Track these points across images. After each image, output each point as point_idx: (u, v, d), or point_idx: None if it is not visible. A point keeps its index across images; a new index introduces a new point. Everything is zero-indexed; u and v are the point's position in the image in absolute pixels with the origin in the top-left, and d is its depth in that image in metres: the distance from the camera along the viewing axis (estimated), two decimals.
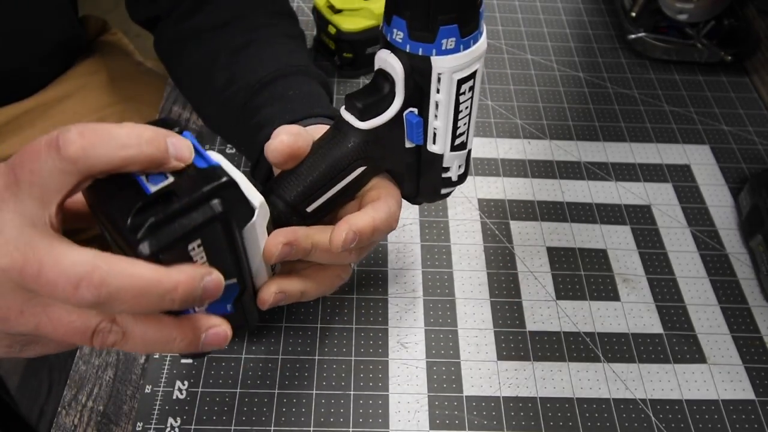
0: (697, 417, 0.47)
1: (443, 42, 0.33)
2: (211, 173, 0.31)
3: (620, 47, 0.76)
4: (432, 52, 0.33)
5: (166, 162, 0.30)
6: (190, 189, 0.30)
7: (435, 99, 0.35)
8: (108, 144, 0.29)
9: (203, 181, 0.30)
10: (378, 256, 0.55)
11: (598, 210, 0.60)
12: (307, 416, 0.46)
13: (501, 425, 0.46)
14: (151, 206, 0.29)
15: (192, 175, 0.30)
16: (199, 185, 0.30)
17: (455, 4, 0.32)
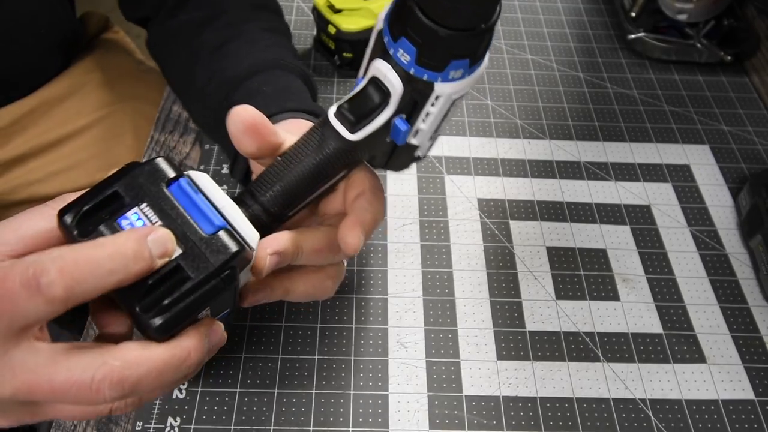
0: (696, 417, 0.47)
1: (451, 72, 0.32)
2: (220, 244, 0.29)
3: (620, 47, 0.76)
4: (437, 79, 0.32)
5: (153, 267, 0.28)
6: (199, 264, 0.28)
7: (427, 110, 0.35)
8: (93, 276, 0.27)
9: (212, 254, 0.28)
10: (378, 256, 0.55)
11: (597, 210, 0.60)
12: (307, 416, 0.46)
13: (501, 425, 0.46)
14: (160, 284, 0.28)
15: (199, 248, 0.28)
16: (209, 260, 0.28)
17: (471, 48, 0.31)
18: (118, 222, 0.28)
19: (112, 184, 0.28)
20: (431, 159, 0.63)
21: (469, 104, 0.68)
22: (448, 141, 0.64)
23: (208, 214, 0.29)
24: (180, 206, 0.29)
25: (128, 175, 0.28)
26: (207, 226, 0.29)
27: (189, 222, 0.29)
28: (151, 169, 0.29)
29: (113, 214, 0.28)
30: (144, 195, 0.28)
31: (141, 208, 0.28)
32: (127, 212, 0.28)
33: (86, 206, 0.28)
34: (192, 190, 0.29)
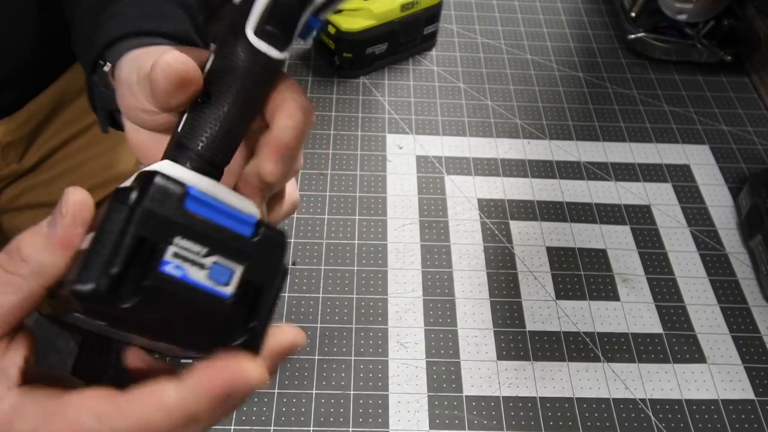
0: (696, 417, 0.47)
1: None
2: (267, 241, 0.25)
3: (620, 47, 0.76)
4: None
5: None
6: (265, 270, 0.25)
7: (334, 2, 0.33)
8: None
9: (268, 254, 0.25)
10: (378, 256, 0.55)
11: (597, 210, 0.60)
12: (307, 416, 0.46)
13: (501, 425, 0.46)
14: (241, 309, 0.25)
15: (256, 255, 0.25)
16: (270, 262, 0.25)
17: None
18: (163, 270, 0.23)
19: (126, 230, 0.23)
20: (431, 159, 0.63)
21: (469, 104, 0.68)
22: (448, 141, 0.64)
23: (234, 213, 0.25)
24: (209, 221, 0.24)
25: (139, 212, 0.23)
26: (244, 228, 0.25)
27: (229, 233, 0.25)
28: (157, 193, 0.24)
29: (147, 263, 0.23)
30: (171, 229, 0.24)
31: (177, 244, 0.23)
32: (165, 255, 0.23)
33: (115, 268, 0.23)
34: (203, 196, 0.25)
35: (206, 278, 0.23)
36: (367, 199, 0.58)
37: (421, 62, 0.72)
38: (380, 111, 0.66)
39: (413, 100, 0.68)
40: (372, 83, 0.69)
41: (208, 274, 0.23)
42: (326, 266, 0.53)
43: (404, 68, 0.71)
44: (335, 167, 0.61)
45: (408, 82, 0.70)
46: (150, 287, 0.22)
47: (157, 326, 0.23)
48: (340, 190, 0.59)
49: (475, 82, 0.70)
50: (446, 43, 0.75)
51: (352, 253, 0.55)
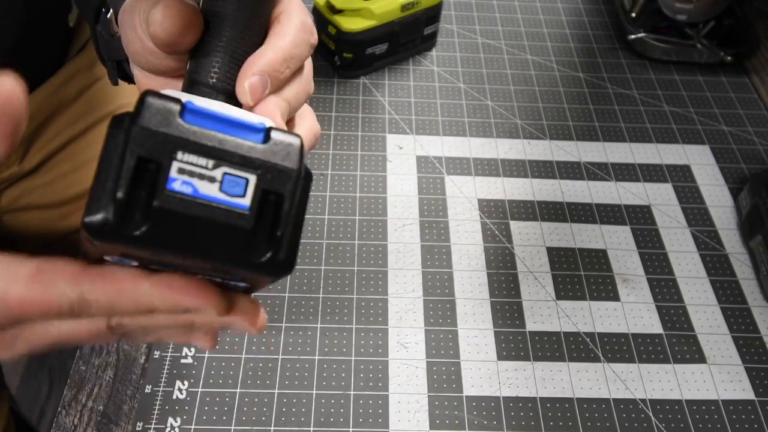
0: (697, 417, 0.47)
1: None
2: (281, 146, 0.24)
3: (620, 47, 0.76)
4: None
5: None
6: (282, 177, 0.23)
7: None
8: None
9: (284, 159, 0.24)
10: (378, 256, 0.55)
11: (598, 210, 0.60)
12: (307, 416, 0.46)
13: (501, 425, 0.46)
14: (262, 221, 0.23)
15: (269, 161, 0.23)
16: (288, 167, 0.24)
17: None
18: (170, 188, 0.22)
19: (124, 153, 0.22)
20: (431, 159, 0.63)
21: (469, 104, 0.68)
22: (448, 141, 0.64)
23: (243, 122, 0.24)
24: (214, 133, 0.23)
25: (134, 131, 0.22)
26: (254, 136, 0.24)
27: (236, 142, 0.23)
28: (151, 111, 0.22)
29: (153, 184, 0.22)
30: (170, 144, 0.22)
31: (181, 160, 0.22)
32: (171, 172, 0.22)
33: (119, 194, 0.22)
34: (203, 108, 0.24)
35: (219, 191, 0.22)
36: (367, 199, 0.58)
37: (421, 62, 0.72)
38: (380, 111, 0.66)
39: (413, 100, 0.68)
40: (372, 83, 0.69)
41: (219, 187, 0.22)
42: (326, 266, 0.53)
43: (404, 68, 0.71)
44: (335, 167, 0.61)
45: (408, 83, 0.70)
46: (160, 208, 0.22)
47: (176, 248, 0.22)
48: (340, 190, 0.59)
49: (475, 83, 0.70)
50: (446, 43, 0.75)
51: (352, 253, 0.55)
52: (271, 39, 0.29)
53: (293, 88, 0.30)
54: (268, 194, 0.23)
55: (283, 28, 0.30)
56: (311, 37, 0.31)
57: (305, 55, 0.31)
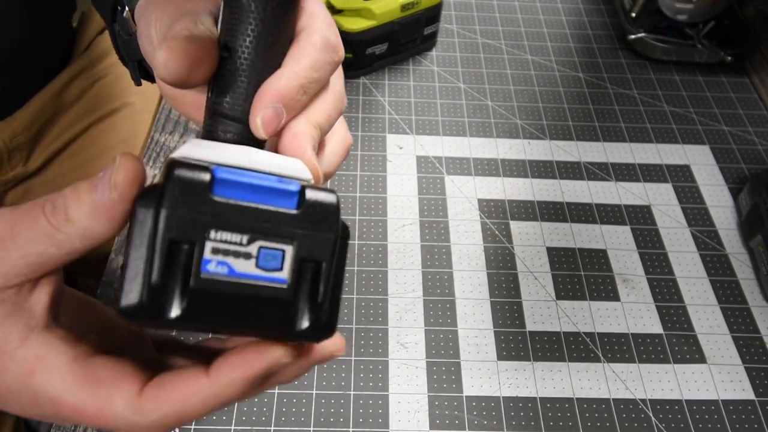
0: (697, 417, 0.47)
1: None
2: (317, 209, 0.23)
3: (620, 47, 0.76)
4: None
5: None
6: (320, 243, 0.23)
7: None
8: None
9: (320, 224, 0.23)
10: (378, 256, 0.55)
11: (598, 210, 0.60)
12: (307, 416, 0.46)
13: (501, 425, 0.46)
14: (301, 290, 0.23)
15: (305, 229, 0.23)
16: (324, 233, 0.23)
17: None
18: (205, 270, 0.21)
19: (155, 237, 0.21)
20: (431, 159, 0.63)
21: (469, 104, 0.68)
22: (448, 141, 0.64)
23: (273, 186, 0.22)
24: (245, 205, 0.22)
25: (163, 214, 0.21)
26: (287, 201, 0.23)
27: (269, 212, 0.22)
28: (181, 187, 0.21)
29: (187, 267, 0.21)
30: (202, 222, 0.21)
31: (214, 239, 0.21)
32: (205, 253, 0.21)
33: (153, 279, 0.21)
34: (234, 176, 0.22)
35: (255, 267, 0.21)
36: (367, 199, 0.58)
37: (421, 62, 0.72)
38: (380, 111, 0.66)
39: (413, 100, 0.68)
40: (372, 83, 0.69)
41: (256, 263, 0.21)
42: None
43: (404, 68, 0.71)
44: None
45: (408, 83, 0.70)
46: (196, 290, 0.21)
47: (218, 324, 0.22)
48: (341, 190, 0.59)
49: (475, 83, 0.70)
50: (446, 43, 0.75)
51: (352, 253, 0.55)
52: (286, 63, 0.27)
53: (322, 109, 0.28)
54: (306, 262, 0.23)
55: (301, 50, 0.27)
56: (334, 55, 0.28)
57: (327, 75, 0.28)
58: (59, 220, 0.23)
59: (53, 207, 0.23)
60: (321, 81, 0.28)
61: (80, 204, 0.23)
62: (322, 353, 0.26)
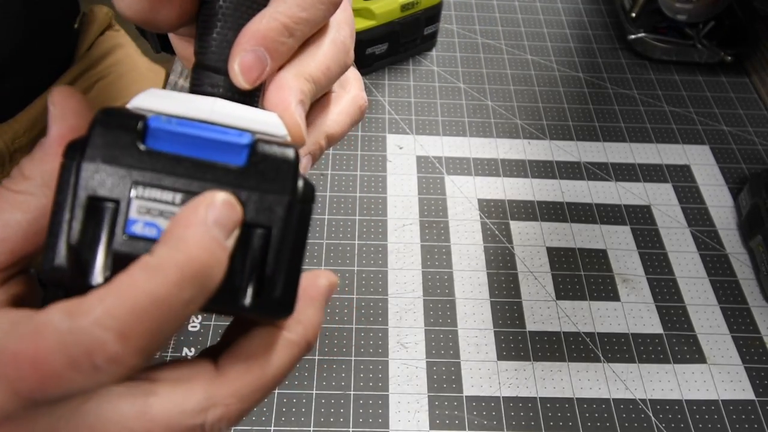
0: (697, 417, 0.47)
1: None
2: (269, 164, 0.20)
3: (620, 47, 0.76)
4: None
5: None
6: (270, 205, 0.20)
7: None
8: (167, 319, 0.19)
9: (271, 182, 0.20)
10: (378, 256, 0.55)
11: (598, 210, 0.60)
12: (307, 416, 0.46)
13: (501, 425, 0.46)
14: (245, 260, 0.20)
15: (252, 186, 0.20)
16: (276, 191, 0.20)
17: None
18: (130, 232, 0.19)
19: (75, 193, 0.19)
20: (431, 159, 0.63)
21: (469, 104, 0.68)
22: (448, 141, 0.64)
23: (219, 137, 0.20)
24: (182, 157, 0.19)
25: (84, 168, 0.19)
26: (234, 157, 0.20)
27: (210, 166, 0.19)
28: (106, 138, 0.19)
29: (111, 224, 0.19)
30: (127, 177, 0.19)
31: (141, 197, 0.19)
32: (130, 212, 0.19)
33: (72, 240, 0.19)
34: (173, 126, 0.20)
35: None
36: (367, 199, 0.58)
37: (421, 62, 0.72)
38: (380, 111, 0.66)
39: (413, 100, 0.68)
40: (372, 83, 0.69)
41: None
42: (326, 266, 0.53)
43: (404, 68, 0.71)
44: (335, 167, 0.61)
45: (408, 83, 0.70)
46: (121, 254, 0.19)
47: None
48: (340, 190, 0.59)
49: (475, 83, 0.70)
50: (446, 43, 0.75)
51: (352, 253, 0.55)
52: (271, 3, 0.24)
53: (317, 60, 0.24)
54: (251, 228, 0.20)
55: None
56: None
57: (320, 17, 0.25)
58: (17, 181, 0.21)
59: (10, 177, 0.22)
60: (311, 22, 0.24)
61: (31, 157, 0.21)
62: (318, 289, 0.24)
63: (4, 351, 0.18)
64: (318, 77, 0.24)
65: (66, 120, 0.21)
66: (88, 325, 0.17)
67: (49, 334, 0.17)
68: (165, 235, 0.18)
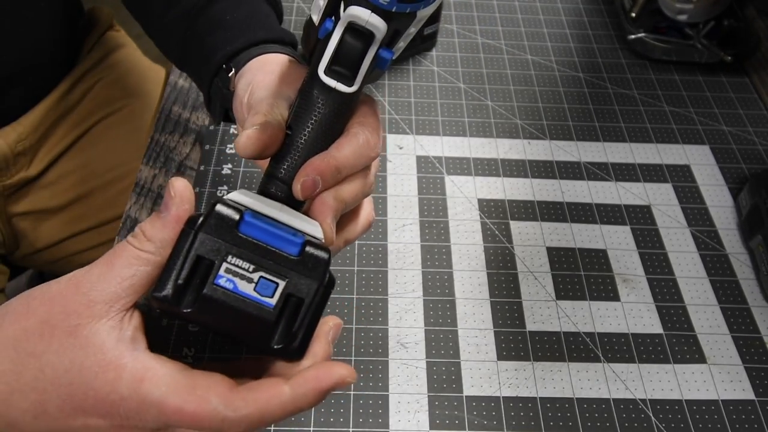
0: (697, 417, 0.47)
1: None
2: (311, 260, 0.30)
3: (620, 47, 0.76)
4: (420, 8, 0.32)
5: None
6: (306, 286, 0.30)
7: (408, 32, 0.35)
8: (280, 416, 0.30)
9: (311, 271, 0.30)
10: (378, 256, 0.55)
11: (598, 210, 0.60)
12: (307, 416, 0.46)
13: (501, 425, 0.46)
14: (282, 318, 0.30)
15: (298, 272, 0.30)
16: (312, 278, 0.30)
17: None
18: (217, 283, 0.29)
19: (189, 251, 0.29)
20: (431, 159, 0.63)
21: (469, 105, 0.68)
22: (448, 141, 0.64)
23: (285, 236, 0.30)
24: (260, 243, 0.30)
25: (199, 237, 0.29)
26: (292, 248, 0.30)
27: (276, 253, 0.30)
28: (217, 220, 0.30)
29: (205, 276, 0.29)
30: (224, 249, 0.29)
31: (229, 262, 0.29)
32: (220, 270, 0.29)
33: (180, 280, 0.29)
34: (259, 221, 0.30)
35: (253, 290, 0.29)
36: None
37: (421, 62, 0.72)
38: (380, 111, 0.66)
39: (413, 100, 0.68)
40: (372, 83, 0.69)
41: (254, 287, 0.29)
42: None
43: (404, 68, 0.71)
44: None
45: (408, 83, 0.70)
46: (206, 295, 0.29)
47: (216, 325, 0.29)
48: None
49: (475, 83, 0.70)
50: (446, 43, 0.75)
51: (352, 254, 0.55)
52: (332, 148, 0.35)
53: (350, 190, 0.35)
54: (291, 297, 0.30)
55: (345, 142, 0.35)
56: (371, 152, 0.36)
57: (361, 165, 0.36)
58: (141, 241, 0.30)
59: (134, 236, 0.31)
60: (355, 168, 0.35)
61: (153, 224, 0.30)
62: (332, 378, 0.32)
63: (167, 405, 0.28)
64: (348, 201, 0.35)
65: (183, 205, 0.30)
66: (237, 418, 0.28)
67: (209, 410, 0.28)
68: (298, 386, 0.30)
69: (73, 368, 0.29)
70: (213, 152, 0.61)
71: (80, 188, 0.71)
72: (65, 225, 0.71)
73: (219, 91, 0.46)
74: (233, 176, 0.59)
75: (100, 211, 0.72)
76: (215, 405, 0.28)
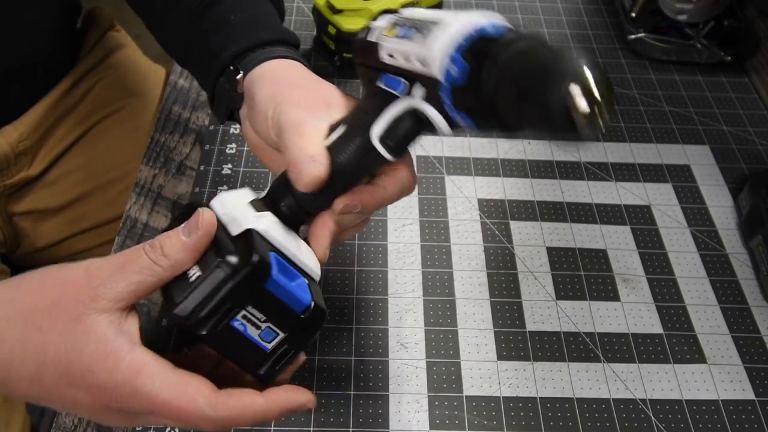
0: (697, 417, 0.47)
1: None
2: (311, 321, 0.35)
3: (620, 47, 0.76)
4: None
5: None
6: (300, 340, 0.35)
7: None
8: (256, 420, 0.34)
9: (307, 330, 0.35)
10: (378, 256, 0.55)
11: (598, 210, 0.60)
12: (307, 416, 0.46)
13: (501, 425, 0.46)
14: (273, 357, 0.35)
15: (298, 328, 0.35)
16: (308, 336, 0.36)
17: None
18: (232, 325, 0.33)
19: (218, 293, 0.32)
20: (431, 159, 0.63)
21: None
22: (448, 141, 0.64)
23: (296, 295, 0.34)
24: (276, 297, 0.34)
25: (232, 288, 0.32)
26: (298, 307, 0.35)
27: (285, 309, 0.34)
28: (250, 275, 0.32)
29: (225, 317, 0.33)
30: (248, 299, 0.33)
31: (247, 310, 0.33)
32: (238, 315, 0.33)
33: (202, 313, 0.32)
34: (281, 278, 0.34)
35: (257, 335, 0.34)
36: None
37: None
38: None
39: None
40: None
41: (259, 333, 0.34)
42: (327, 267, 0.53)
43: None
44: None
45: None
46: (220, 330, 0.33)
47: (217, 348, 0.34)
48: None
49: None
50: None
51: (352, 253, 0.55)
52: (379, 183, 0.38)
53: (353, 217, 0.38)
54: (284, 344, 0.35)
55: (391, 183, 0.38)
56: (408, 192, 0.39)
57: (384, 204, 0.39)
58: (157, 255, 0.32)
59: (152, 246, 0.33)
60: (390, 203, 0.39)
61: (172, 242, 0.33)
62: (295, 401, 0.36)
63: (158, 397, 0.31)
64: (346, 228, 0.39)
65: (204, 238, 0.33)
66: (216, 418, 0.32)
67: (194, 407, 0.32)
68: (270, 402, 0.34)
69: (74, 351, 0.31)
70: (213, 152, 0.61)
71: (81, 188, 0.71)
72: (66, 225, 0.71)
73: (225, 92, 0.46)
74: (233, 176, 0.59)
75: (100, 211, 0.72)
76: (201, 404, 0.32)
